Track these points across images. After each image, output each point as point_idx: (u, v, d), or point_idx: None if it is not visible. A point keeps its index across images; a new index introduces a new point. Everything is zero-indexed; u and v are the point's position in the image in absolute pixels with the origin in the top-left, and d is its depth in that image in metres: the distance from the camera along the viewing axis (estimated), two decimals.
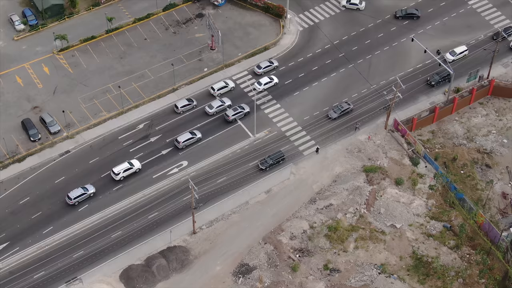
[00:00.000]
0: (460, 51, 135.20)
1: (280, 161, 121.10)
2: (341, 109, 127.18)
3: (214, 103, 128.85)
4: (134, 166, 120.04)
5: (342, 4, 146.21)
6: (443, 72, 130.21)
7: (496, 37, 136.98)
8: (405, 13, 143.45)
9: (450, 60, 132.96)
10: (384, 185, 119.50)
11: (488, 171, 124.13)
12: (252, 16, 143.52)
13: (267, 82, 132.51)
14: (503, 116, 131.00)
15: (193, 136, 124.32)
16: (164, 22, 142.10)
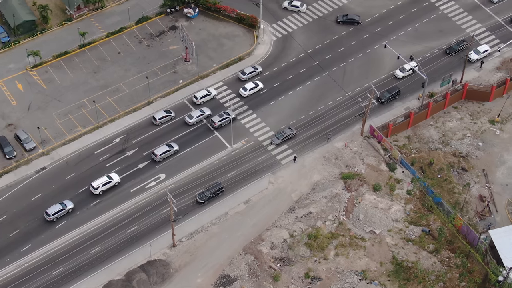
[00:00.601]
0: (410, 68, 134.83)
1: (219, 193, 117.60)
2: (283, 135, 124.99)
3: (194, 113, 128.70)
4: (113, 180, 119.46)
5: (283, 5, 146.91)
6: (393, 89, 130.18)
7: (449, 52, 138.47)
8: (346, 18, 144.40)
9: (400, 77, 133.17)
10: (362, 192, 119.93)
11: (465, 175, 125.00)
12: (226, 27, 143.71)
13: (252, 88, 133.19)
14: (478, 119, 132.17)
15: (170, 149, 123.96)
16: (137, 36, 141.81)
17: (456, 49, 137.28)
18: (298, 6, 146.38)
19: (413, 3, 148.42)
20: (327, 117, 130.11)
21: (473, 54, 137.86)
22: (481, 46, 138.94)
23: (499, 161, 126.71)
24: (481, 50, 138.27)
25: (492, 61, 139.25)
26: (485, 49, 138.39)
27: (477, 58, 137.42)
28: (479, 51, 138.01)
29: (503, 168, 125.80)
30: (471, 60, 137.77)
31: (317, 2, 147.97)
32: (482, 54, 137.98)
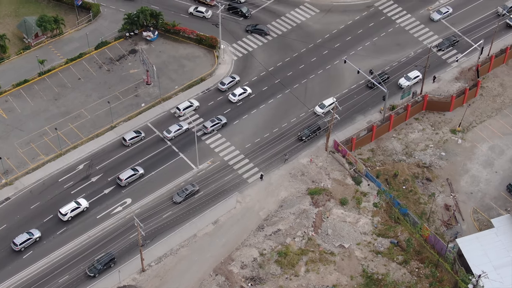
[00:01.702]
0: (329, 103, 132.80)
1: (111, 265, 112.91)
2: (185, 192, 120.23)
3: (172, 128, 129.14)
4: (81, 205, 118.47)
5: (189, 11, 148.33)
6: (313, 126, 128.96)
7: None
8: (253, 28, 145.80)
9: (320, 113, 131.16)
10: (329, 206, 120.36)
11: (429, 185, 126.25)
12: (186, 49, 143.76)
13: (241, 93, 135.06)
14: (439, 129, 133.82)
15: (136, 173, 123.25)
16: (97, 61, 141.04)
17: None
18: (203, 12, 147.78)
19: (370, 18, 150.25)
20: (291, 133, 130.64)
21: (403, 80, 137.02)
22: (412, 72, 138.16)
23: (462, 169, 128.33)
24: (411, 76, 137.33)
25: (450, 71, 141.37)
26: (416, 75, 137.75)
27: (407, 84, 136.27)
28: (410, 78, 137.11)
29: (466, 177, 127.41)
30: (402, 86, 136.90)
31: (276, 21, 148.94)
32: (413, 80, 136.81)
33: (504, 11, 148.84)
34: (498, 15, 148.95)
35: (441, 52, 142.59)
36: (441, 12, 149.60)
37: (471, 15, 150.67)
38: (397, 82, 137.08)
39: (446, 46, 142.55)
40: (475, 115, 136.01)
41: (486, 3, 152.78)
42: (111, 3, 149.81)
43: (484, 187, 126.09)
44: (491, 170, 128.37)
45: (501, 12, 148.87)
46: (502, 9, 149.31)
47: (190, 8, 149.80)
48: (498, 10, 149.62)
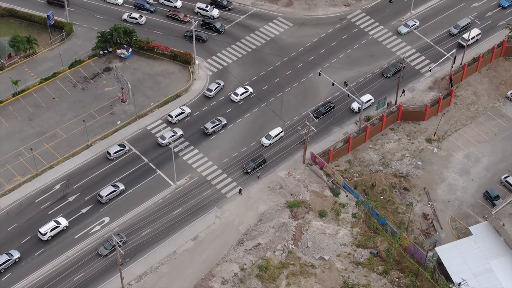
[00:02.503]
0: (276, 133, 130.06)
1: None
2: (111, 244, 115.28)
3: (167, 134, 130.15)
4: (61, 224, 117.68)
5: (123, 18, 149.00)
6: (258, 158, 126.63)
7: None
8: (191, 34, 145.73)
9: (267, 145, 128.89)
10: (308, 219, 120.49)
11: (407, 194, 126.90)
12: (160, 65, 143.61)
13: (243, 92, 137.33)
14: (415, 139, 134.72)
15: (116, 189, 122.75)
16: (71, 80, 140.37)
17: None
18: (136, 18, 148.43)
19: (343, 30, 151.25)
20: (268, 147, 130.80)
21: (356, 104, 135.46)
22: (364, 96, 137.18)
23: (439, 178, 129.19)
24: (364, 100, 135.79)
25: (424, 81, 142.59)
26: (368, 99, 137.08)
27: (358, 107, 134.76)
28: (363, 101, 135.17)
29: (443, 185, 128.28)
30: (354, 111, 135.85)
31: (250, 35, 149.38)
32: (366, 104, 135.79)
33: (456, 30, 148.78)
34: (451, 34, 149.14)
35: (387, 78, 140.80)
36: (408, 25, 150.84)
37: (443, 25, 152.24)
38: (350, 106, 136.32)
39: (392, 72, 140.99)
40: (450, 123, 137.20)
41: (458, 13, 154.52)
42: (84, 21, 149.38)
43: (461, 195, 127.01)
44: (468, 178, 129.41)
45: (454, 32, 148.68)
46: (455, 28, 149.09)
47: (124, 15, 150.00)
48: (451, 30, 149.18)
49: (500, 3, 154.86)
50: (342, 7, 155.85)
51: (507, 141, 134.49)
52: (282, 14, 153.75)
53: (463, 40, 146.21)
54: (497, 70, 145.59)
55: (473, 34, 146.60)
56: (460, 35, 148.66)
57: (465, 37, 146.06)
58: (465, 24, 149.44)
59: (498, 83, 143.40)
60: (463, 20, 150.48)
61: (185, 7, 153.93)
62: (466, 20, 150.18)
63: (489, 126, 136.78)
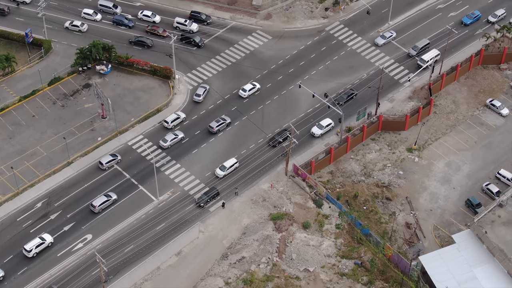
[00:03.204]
0: (231, 164, 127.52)
1: None
2: None
3: (168, 137, 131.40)
4: (46, 241, 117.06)
5: (65, 26, 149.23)
6: (212, 191, 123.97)
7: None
8: (136, 39, 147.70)
9: (221, 176, 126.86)
10: (292, 231, 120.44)
11: (389, 204, 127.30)
12: (140, 80, 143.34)
13: (251, 88, 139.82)
14: (396, 148, 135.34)
15: (109, 198, 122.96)
16: (51, 97, 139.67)
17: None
18: (78, 25, 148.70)
19: (322, 42, 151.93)
20: (251, 160, 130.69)
21: (316, 129, 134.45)
22: (324, 120, 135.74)
23: (420, 187, 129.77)
24: (324, 124, 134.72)
25: (403, 91, 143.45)
26: (328, 123, 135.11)
27: (320, 132, 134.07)
28: (322, 126, 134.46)
29: (425, 194, 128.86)
30: (314, 135, 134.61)
31: (230, 49, 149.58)
32: (326, 128, 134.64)
33: (415, 52, 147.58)
34: (409, 56, 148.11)
35: (341, 106, 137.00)
36: (385, 36, 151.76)
37: (421, 35, 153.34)
38: (310, 130, 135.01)
39: (344, 100, 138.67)
40: (430, 133, 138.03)
41: (435, 23, 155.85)
42: (63, 38, 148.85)
43: (443, 203, 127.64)
44: (449, 186, 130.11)
45: (412, 53, 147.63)
46: (413, 50, 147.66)
47: (66, 23, 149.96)
48: (410, 52, 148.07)
49: (462, 20, 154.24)
50: (321, 19, 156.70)
51: (487, 149, 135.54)
52: (261, 27, 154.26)
53: (422, 62, 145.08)
54: (475, 79, 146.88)
55: (432, 55, 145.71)
56: (419, 56, 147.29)
57: (424, 58, 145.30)
58: (423, 45, 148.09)
59: (477, 92, 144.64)
60: (421, 41, 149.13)
61: (164, 22, 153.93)
62: (425, 41, 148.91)
63: (469, 134, 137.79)
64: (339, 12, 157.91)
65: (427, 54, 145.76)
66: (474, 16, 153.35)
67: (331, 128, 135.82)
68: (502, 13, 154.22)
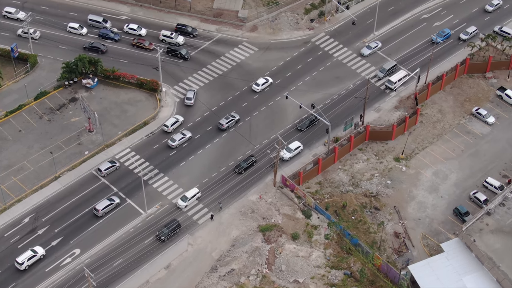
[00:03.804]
0: (192, 194, 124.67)
1: None
2: None
3: (176, 136, 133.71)
4: (38, 253, 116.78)
5: (17, 33, 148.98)
6: (172, 223, 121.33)
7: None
8: (90, 45, 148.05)
9: (183, 207, 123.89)
10: (281, 242, 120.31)
11: (378, 213, 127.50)
12: (127, 94, 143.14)
13: (264, 83, 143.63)
14: (383, 158, 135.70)
15: (112, 202, 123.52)
16: (37, 111, 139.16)
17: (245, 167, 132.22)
18: (31, 33, 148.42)
19: (308, 53, 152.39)
20: (238, 172, 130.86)
21: (285, 153, 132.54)
22: (292, 144, 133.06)
23: (408, 196, 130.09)
24: (292, 147, 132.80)
25: (389, 101, 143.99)
26: (297, 146, 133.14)
27: (289, 156, 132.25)
28: (291, 149, 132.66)
29: (413, 203, 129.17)
30: (283, 159, 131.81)
31: (216, 61, 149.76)
32: (294, 151, 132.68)
33: (382, 74, 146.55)
34: (379, 78, 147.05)
35: (302, 132, 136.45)
36: (371, 47, 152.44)
37: (406, 45, 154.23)
38: None
39: (306, 126, 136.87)
40: (417, 142, 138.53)
41: (419, 33, 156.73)
42: (49, 53, 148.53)
43: (431, 212, 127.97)
44: (437, 195, 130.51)
45: (380, 75, 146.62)
46: (381, 72, 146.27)
47: (19, 30, 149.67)
48: (377, 74, 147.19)
49: (432, 38, 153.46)
50: (306, 30, 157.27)
51: (474, 157, 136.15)
52: (247, 39, 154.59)
53: (390, 83, 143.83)
54: (461, 88, 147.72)
55: (399, 76, 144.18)
56: (387, 78, 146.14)
57: (392, 79, 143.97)
58: (390, 66, 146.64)
59: (463, 100, 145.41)
60: (388, 63, 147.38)
61: (150, 35, 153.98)
62: (392, 63, 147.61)
63: (456, 143, 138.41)
64: (324, 23, 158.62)
65: (394, 76, 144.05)
66: (444, 34, 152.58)
67: (300, 151, 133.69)
68: (474, 30, 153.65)
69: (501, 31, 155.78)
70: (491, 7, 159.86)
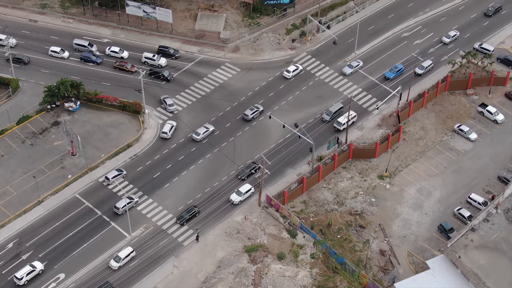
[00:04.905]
0: (126, 254, 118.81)
1: None
2: None
3: (200, 130, 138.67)
4: (36, 268, 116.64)
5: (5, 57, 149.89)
6: (105, 285, 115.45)
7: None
8: (13, 57, 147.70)
9: (116, 268, 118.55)
10: (267, 262, 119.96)
11: (363, 231, 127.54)
12: (110, 116, 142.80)
13: (294, 69, 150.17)
14: (367, 176, 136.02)
15: (131, 200, 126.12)
16: (19, 136, 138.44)
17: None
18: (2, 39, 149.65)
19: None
20: (224, 192, 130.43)
21: (235, 196, 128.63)
22: (243, 187, 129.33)
23: (393, 214, 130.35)
24: (243, 191, 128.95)
25: (372, 119, 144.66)
26: (248, 189, 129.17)
27: (239, 199, 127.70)
28: (241, 192, 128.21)
29: (398, 221, 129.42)
30: (233, 202, 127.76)
31: (199, 82, 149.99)
32: (245, 194, 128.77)
33: (328, 117, 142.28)
34: (323, 120, 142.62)
35: (243, 181, 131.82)
36: (352, 66, 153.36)
37: (387, 63, 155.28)
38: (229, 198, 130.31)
39: (246, 174, 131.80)
40: (400, 159, 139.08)
41: (400, 51, 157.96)
42: (30, 77, 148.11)
43: (416, 229, 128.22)
44: (421, 212, 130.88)
45: (326, 118, 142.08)
46: (327, 115, 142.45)
47: (6, 53, 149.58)
48: (323, 117, 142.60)
49: (385, 75, 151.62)
50: (288, 50, 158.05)
51: (457, 173, 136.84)
52: (229, 60, 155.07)
53: (338, 124, 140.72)
54: (442, 105, 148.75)
55: (346, 118, 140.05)
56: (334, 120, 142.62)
57: (340, 121, 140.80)
58: (337, 109, 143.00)
59: (445, 117, 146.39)
60: (334, 106, 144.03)
61: (132, 57, 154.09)
62: (338, 105, 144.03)
63: (439, 160, 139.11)
64: (306, 43, 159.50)
65: (342, 117, 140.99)
66: (397, 69, 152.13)
67: (251, 194, 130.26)
68: (429, 64, 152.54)
69: (481, 48, 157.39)
70: (447, 39, 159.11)
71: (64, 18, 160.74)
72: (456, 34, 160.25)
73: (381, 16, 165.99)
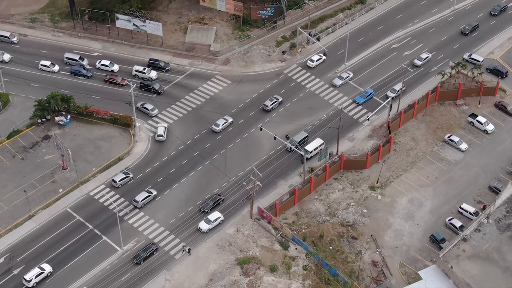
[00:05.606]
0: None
1: None
2: None
3: (220, 121, 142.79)
4: (45, 270, 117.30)
5: None
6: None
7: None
8: None
9: None
10: (260, 274, 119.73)
11: (355, 243, 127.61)
12: (101, 130, 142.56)
13: (318, 59, 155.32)
14: (358, 187, 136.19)
15: (150, 194, 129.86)
16: (10, 150, 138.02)
17: None
18: None
19: (281, 85, 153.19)
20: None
21: (203, 224, 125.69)
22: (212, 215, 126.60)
23: (385, 225, 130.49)
24: (211, 219, 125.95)
25: (363, 130, 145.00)
26: (217, 217, 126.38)
27: (208, 228, 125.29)
28: (210, 220, 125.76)
29: (390, 231, 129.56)
30: (202, 231, 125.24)
31: (190, 95, 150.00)
32: (214, 222, 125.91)
33: (293, 146, 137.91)
34: (288, 150, 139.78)
35: (206, 214, 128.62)
36: (342, 77, 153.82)
37: (377, 74, 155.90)
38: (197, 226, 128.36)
39: (210, 207, 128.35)
40: (391, 170, 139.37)
41: (390, 62, 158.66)
42: (20, 91, 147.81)
43: (408, 240, 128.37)
44: (413, 222, 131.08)
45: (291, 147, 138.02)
46: (291, 144, 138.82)
47: None
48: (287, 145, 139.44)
49: (355, 100, 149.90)
50: (278, 62, 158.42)
51: (448, 184, 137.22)
52: (220, 72, 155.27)
53: (307, 152, 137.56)
54: (433, 115, 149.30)
55: (315, 145, 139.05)
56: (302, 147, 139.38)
57: (307, 149, 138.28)
58: (302, 138, 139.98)
59: (435, 128, 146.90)
60: (299, 135, 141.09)
61: (122, 70, 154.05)
62: (303, 134, 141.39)
63: (430, 170, 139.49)
64: (296, 55, 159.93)
65: (310, 145, 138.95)
66: (367, 94, 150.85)
67: (220, 222, 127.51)
68: (401, 87, 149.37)
69: (471, 59, 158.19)
70: (419, 61, 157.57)
71: (54, 32, 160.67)
72: (428, 56, 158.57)
73: (370, 27, 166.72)
